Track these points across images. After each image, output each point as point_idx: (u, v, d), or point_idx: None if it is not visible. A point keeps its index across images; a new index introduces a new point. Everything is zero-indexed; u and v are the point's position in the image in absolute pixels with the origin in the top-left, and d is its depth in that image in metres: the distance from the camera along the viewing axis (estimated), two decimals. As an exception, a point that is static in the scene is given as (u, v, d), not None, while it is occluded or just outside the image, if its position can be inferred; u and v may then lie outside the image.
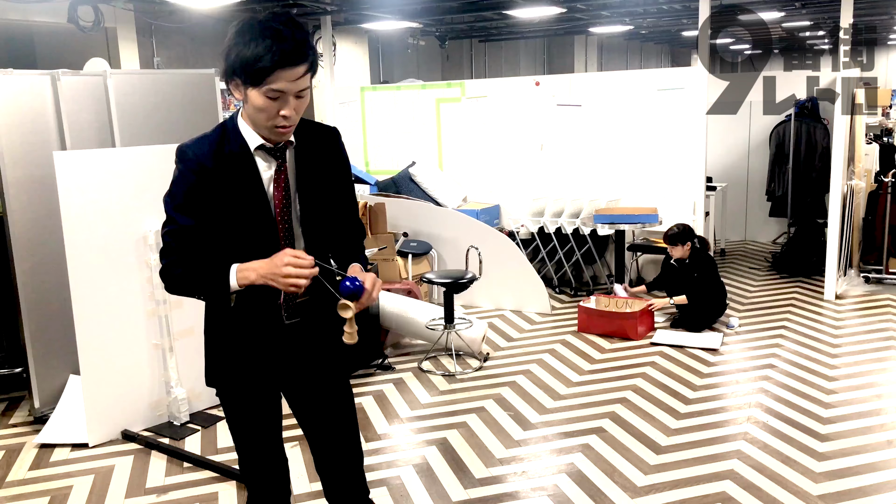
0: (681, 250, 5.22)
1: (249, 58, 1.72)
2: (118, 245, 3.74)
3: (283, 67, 1.72)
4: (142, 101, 4.41)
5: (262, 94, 1.75)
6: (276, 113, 1.78)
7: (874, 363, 4.51)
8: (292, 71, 1.73)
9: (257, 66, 1.71)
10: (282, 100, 1.76)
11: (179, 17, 7.81)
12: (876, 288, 6.16)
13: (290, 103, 1.77)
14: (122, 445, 3.75)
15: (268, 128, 1.82)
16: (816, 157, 6.87)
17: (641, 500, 3.08)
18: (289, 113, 1.78)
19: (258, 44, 1.71)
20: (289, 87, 1.75)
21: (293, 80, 1.74)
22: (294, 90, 1.76)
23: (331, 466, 2.14)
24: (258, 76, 1.72)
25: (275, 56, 1.70)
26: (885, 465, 3.29)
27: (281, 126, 1.81)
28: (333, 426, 2.10)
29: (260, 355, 1.99)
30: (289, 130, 1.84)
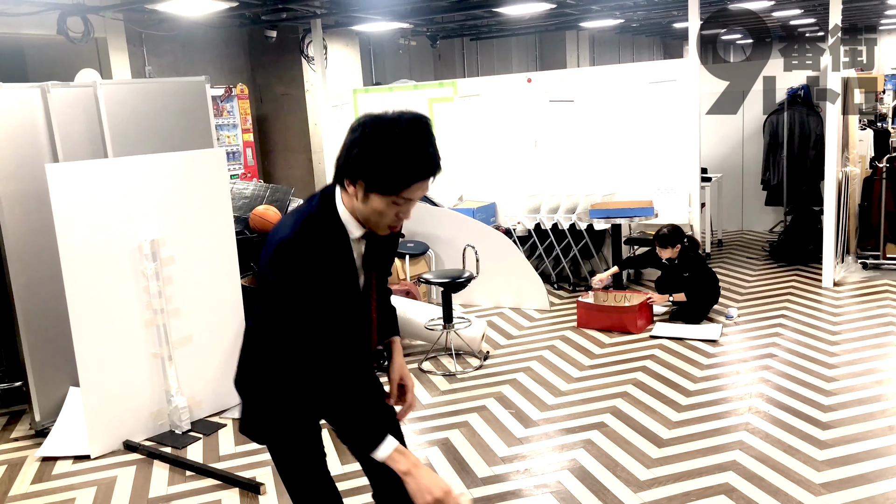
0: (670, 252, 5.22)
1: (389, 170, 1.65)
2: (114, 256, 3.73)
3: (424, 180, 1.69)
4: (133, 110, 4.41)
5: (389, 202, 1.70)
6: (395, 216, 1.74)
7: (874, 349, 4.51)
8: (427, 182, 1.70)
9: (396, 173, 1.65)
10: (401, 206, 1.72)
11: (169, 25, 7.80)
12: (874, 274, 6.16)
13: (407, 210, 1.74)
14: (124, 456, 3.75)
15: (379, 226, 1.78)
16: (810, 144, 6.87)
17: (645, 494, 3.08)
18: (408, 217, 1.76)
19: (400, 157, 1.65)
20: (418, 195, 1.71)
21: (422, 190, 1.71)
22: (419, 197, 1.73)
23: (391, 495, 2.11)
24: (394, 185, 1.67)
25: (418, 172, 1.66)
26: (887, 452, 3.29)
27: (394, 226, 1.79)
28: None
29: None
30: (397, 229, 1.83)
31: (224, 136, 8.55)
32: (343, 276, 1.80)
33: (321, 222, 1.76)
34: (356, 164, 1.68)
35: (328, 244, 1.76)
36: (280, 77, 9.43)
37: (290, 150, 9.60)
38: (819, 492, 3.01)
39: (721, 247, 7.44)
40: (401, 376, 1.91)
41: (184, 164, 4.01)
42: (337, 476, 3.37)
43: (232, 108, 8.62)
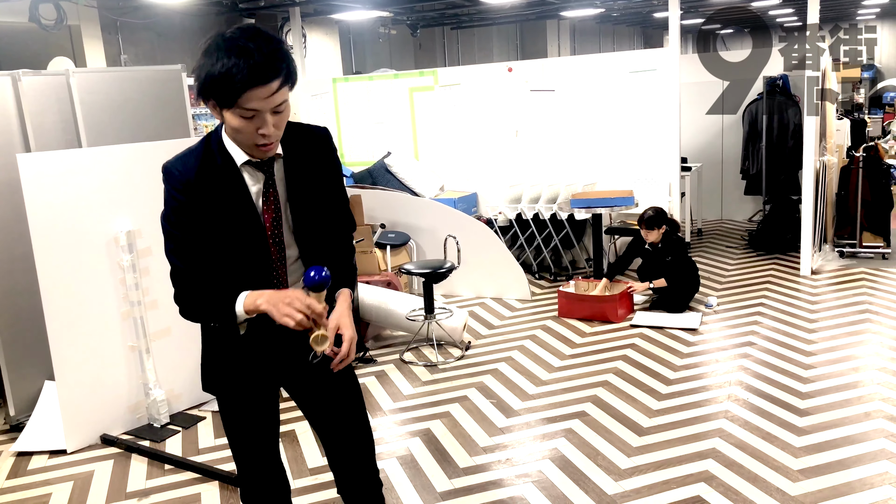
0: (656, 234, 5.24)
1: (218, 79, 1.63)
2: (89, 247, 3.67)
3: (254, 86, 1.63)
4: (107, 99, 4.33)
5: (237, 115, 1.68)
6: (255, 131, 1.71)
7: (851, 336, 4.57)
8: (264, 88, 1.64)
9: (227, 88, 1.63)
10: (258, 118, 1.69)
11: (145, 12, 7.68)
12: (850, 262, 6.23)
13: (267, 121, 1.70)
14: (101, 450, 3.70)
15: (249, 146, 1.77)
16: (789, 134, 6.92)
17: (625, 483, 3.09)
18: (267, 131, 1.71)
19: (224, 63, 1.62)
20: (263, 106, 1.67)
21: (266, 98, 1.66)
22: (269, 107, 1.68)
23: (343, 460, 2.12)
24: (229, 98, 1.65)
25: (243, 75, 1.61)
26: (863, 438, 3.33)
27: (262, 144, 1.75)
28: (343, 420, 2.08)
29: (259, 357, 1.97)
30: (271, 147, 1.77)
31: (202, 126, 8.44)
32: (220, 203, 1.80)
33: (202, 150, 1.81)
34: (196, 83, 1.69)
35: (204, 171, 1.79)
36: (259, 66, 9.32)
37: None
38: (797, 478, 3.04)
39: (701, 236, 7.49)
40: (338, 325, 1.82)
41: (160, 154, 3.91)
42: (316, 468, 3.35)
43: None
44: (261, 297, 1.77)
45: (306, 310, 1.72)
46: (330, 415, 2.09)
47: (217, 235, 1.82)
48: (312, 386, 2.07)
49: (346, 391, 2.09)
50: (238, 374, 1.99)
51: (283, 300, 1.73)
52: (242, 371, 1.98)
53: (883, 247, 6.29)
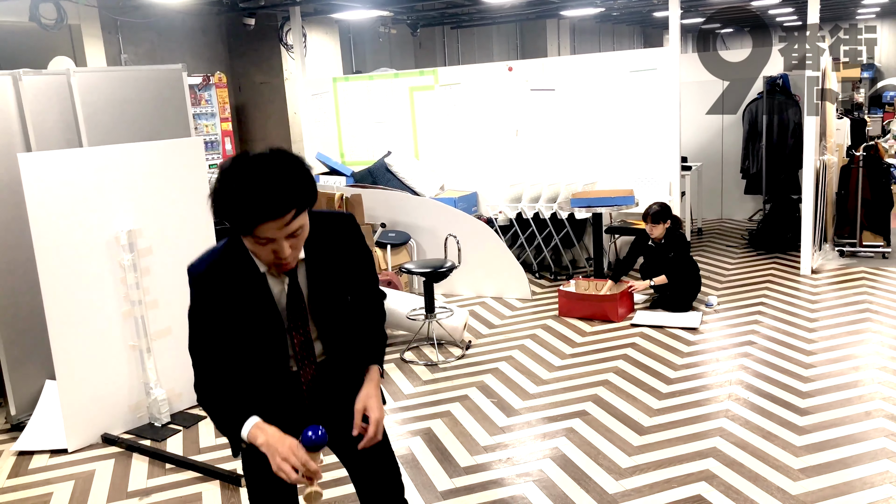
0: (661, 228, 5.23)
1: (231, 210, 1.65)
2: (89, 246, 3.67)
3: (266, 220, 1.64)
4: (108, 98, 4.34)
5: (252, 242, 1.71)
6: (272, 253, 1.72)
7: (851, 336, 4.57)
8: (277, 222, 1.65)
9: (240, 220, 1.65)
10: (274, 244, 1.70)
11: (145, 12, 7.67)
12: (850, 261, 6.23)
13: (283, 246, 1.70)
14: (102, 449, 3.70)
15: (267, 264, 1.78)
16: (789, 133, 6.92)
17: (626, 482, 3.10)
18: (284, 255, 1.72)
19: (239, 198, 1.63)
20: (277, 235, 1.68)
21: (279, 228, 1.66)
22: (284, 235, 1.69)
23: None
24: (243, 226, 1.66)
25: (256, 214, 1.63)
26: (864, 437, 3.34)
27: (279, 264, 1.76)
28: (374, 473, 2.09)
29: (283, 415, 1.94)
30: (290, 265, 1.78)
31: (202, 126, 8.45)
32: (244, 306, 1.81)
33: (226, 256, 1.82)
34: (212, 204, 1.69)
35: (227, 274, 1.81)
36: (259, 65, 9.33)
37: (269, 140, 9.51)
38: (798, 477, 3.04)
39: (701, 235, 7.49)
40: (365, 406, 1.87)
41: (161, 154, 3.95)
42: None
43: (210, 96, 8.51)
44: (262, 436, 1.77)
45: (301, 467, 1.73)
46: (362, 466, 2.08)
47: (240, 335, 1.84)
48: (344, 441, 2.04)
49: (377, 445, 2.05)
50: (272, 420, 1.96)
51: (280, 451, 1.74)
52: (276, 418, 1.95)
53: (883, 246, 6.29)
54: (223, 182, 1.66)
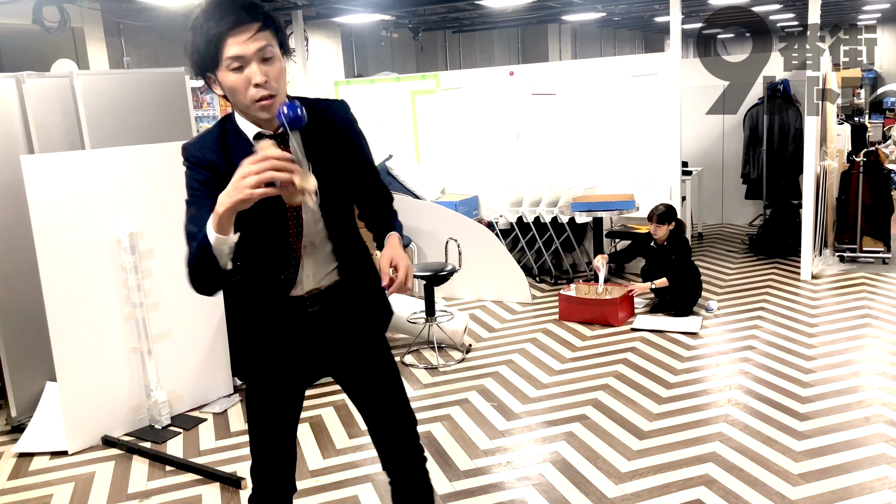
0: (665, 230, 5.24)
1: (200, 40, 1.67)
2: (91, 249, 3.68)
3: (230, 32, 1.64)
4: (111, 101, 4.35)
5: (226, 71, 1.68)
6: (248, 84, 1.68)
7: (851, 341, 4.57)
8: (241, 33, 1.65)
9: (207, 43, 1.65)
10: (246, 69, 1.67)
11: (147, 15, 7.70)
12: (850, 266, 6.24)
13: (256, 69, 1.67)
14: (102, 451, 3.71)
15: (251, 107, 1.72)
16: (789, 138, 6.93)
17: (626, 486, 3.10)
18: (259, 79, 1.67)
19: (202, 25, 1.66)
20: (245, 50, 1.65)
21: (246, 41, 1.65)
22: (252, 52, 1.66)
23: (389, 438, 2.11)
24: (212, 52, 1.66)
25: (218, 25, 1.65)
26: (863, 442, 3.34)
27: (260, 99, 1.69)
28: (386, 400, 2.07)
29: (288, 346, 1.94)
30: (271, 102, 1.70)
31: (204, 128, 8.47)
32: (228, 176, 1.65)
33: (217, 130, 1.82)
34: (190, 59, 1.71)
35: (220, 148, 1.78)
36: (261, 69, 9.34)
37: (271, 143, 9.52)
38: (797, 482, 3.05)
39: (701, 240, 7.50)
40: (391, 258, 1.83)
41: (163, 156, 3.96)
42: (317, 470, 3.36)
43: (212, 99, 8.52)
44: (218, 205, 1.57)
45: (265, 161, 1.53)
46: (373, 396, 2.08)
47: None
48: (355, 370, 2.06)
49: (387, 372, 2.08)
50: (277, 360, 1.96)
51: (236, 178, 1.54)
52: (282, 358, 1.95)
53: (883, 252, 6.30)
54: (191, 28, 1.69)
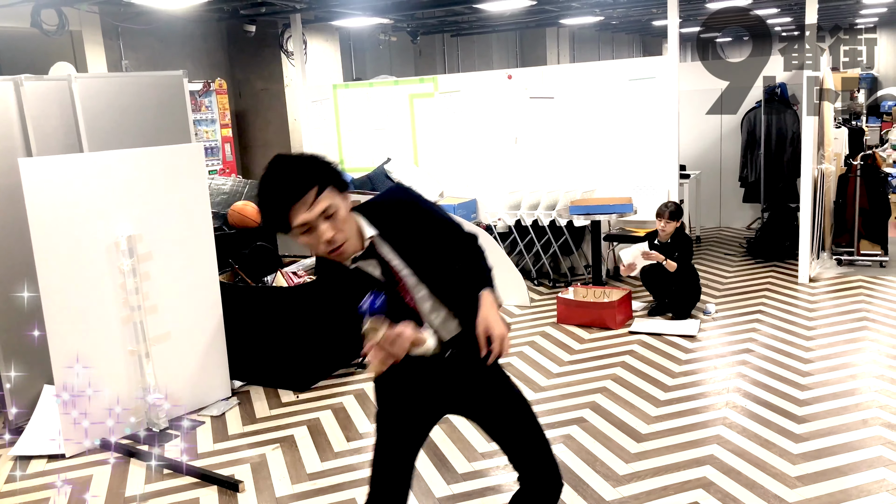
0: (674, 226, 5.27)
1: (268, 210, 1.82)
2: (89, 252, 3.68)
3: (293, 206, 1.77)
4: (109, 104, 4.35)
5: (299, 235, 1.83)
6: (319, 242, 1.83)
7: (848, 344, 4.58)
8: (303, 203, 1.77)
9: (275, 214, 1.80)
10: (313, 230, 1.81)
11: (146, 18, 7.71)
12: (848, 270, 6.25)
13: (322, 229, 1.81)
14: (99, 454, 3.70)
15: (326, 256, 1.88)
16: (787, 142, 6.95)
17: (623, 489, 3.10)
18: (328, 237, 1.82)
19: (267, 197, 1.81)
20: (309, 217, 1.79)
21: (309, 209, 1.78)
22: (315, 216, 1.79)
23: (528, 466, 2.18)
24: (283, 222, 1.80)
25: (281, 200, 1.78)
26: (860, 445, 3.34)
27: (333, 252, 1.86)
28: (518, 432, 2.17)
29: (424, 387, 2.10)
30: (343, 250, 1.87)
31: (202, 132, 8.47)
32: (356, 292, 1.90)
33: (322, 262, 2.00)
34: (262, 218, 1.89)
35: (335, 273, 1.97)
36: (259, 72, 9.36)
37: (269, 146, 9.53)
38: (794, 484, 3.05)
39: (699, 243, 7.51)
40: (486, 326, 1.93)
41: (161, 160, 3.97)
42: (315, 473, 3.35)
43: (210, 103, 8.54)
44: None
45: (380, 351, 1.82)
46: (507, 428, 2.18)
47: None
48: (486, 407, 2.17)
49: (515, 404, 2.19)
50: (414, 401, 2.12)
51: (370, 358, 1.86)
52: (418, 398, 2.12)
53: (880, 255, 6.31)
54: (258, 192, 1.84)
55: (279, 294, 4.41)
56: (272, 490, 3.29)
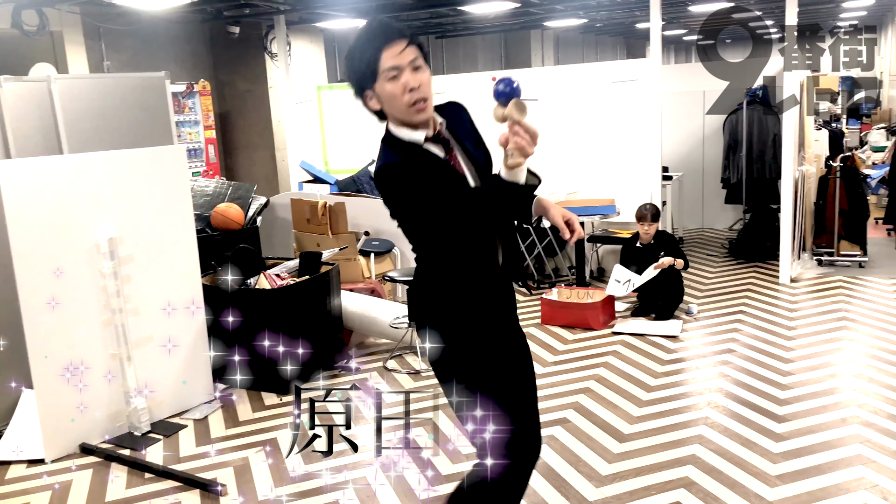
0: (655, 227, 5.32)
1: (358, 60, 1.93)
2: (69, 254, 3.65)
3: (385, 47, 1.89)
4: (89, 105, 4.32)
5: (385, 81, 1.91)
6: (405, 90, 1.91)
7: (828, 343, 4.63)
8: (394, 47, 1.90)
9: (366, 60, 1.91)
10: (402, 76, 1.91)
11: (128, 19, 7.66)
12: (828, 270, 6.32)
13: (410, 77, 1.91)
14: (80, 459, 3.67)
15: (408, 111, 1.94)
16: (768, 144, 7.01)
17: (606, 489, 3.11)
18: (414, 83, 1.91)
19: (359, 47, 1.93)
20: (400, 61, 1.90)
21: (399, 54, 1.90)
22: (406, 62, 1.91)
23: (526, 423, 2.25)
24: (371, 67, 1.90)
25: (374, 43, 1.90)
26: (840, 443, 3.38)
27: (416, 101, 1.92)
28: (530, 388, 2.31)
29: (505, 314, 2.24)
30: (426, 105, 1.95)
31: (185, 133, 8.42)
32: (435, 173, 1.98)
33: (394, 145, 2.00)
34: (350, 80, 1.98)
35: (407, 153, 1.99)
36: (243, 73, 9.32)
37: (252, 148, 9.50)
38: (775, 483, 3.08)
39: (682, 244, 7.55)
40: (561, 213, 2.10)
41: (142, 161, 3.94)
42: (297, 477, 3.34)
43: (194, 104, 8.49)
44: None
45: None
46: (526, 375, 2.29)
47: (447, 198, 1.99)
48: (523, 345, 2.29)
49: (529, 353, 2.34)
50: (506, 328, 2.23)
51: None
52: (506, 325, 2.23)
53: (860, 255, 6.38)
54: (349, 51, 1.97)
55: (262, 296, 4.39)
56: (255, 493, 3.27)
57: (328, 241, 5.48)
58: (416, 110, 1.94)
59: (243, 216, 5.81)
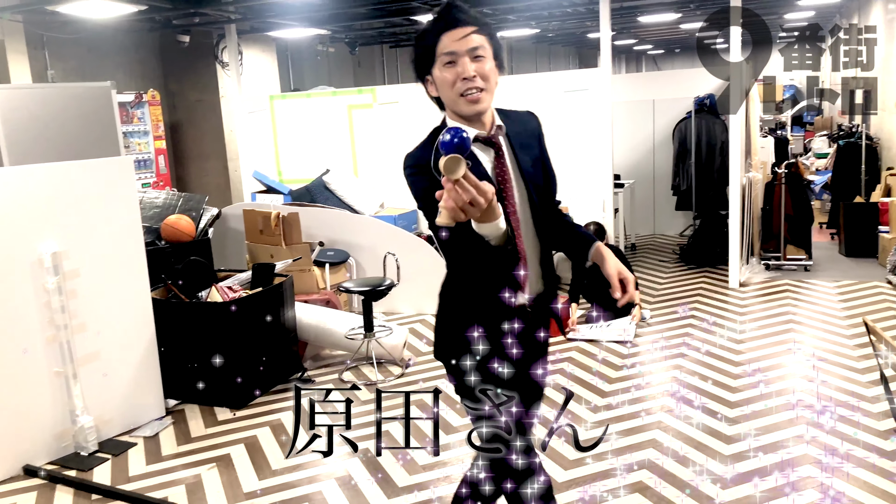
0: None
1: (420, 37, 1.87)
2: (10, 269, 3.53)
3: (445, 31, 1.82)
4: (32, 116, 4.20)
5: (440, 66, 1.84)
6: (458, 78, 1.82)
7: (777, 346, 4.75)
8: (455, 31, 1.81)
9: (425, 38, 1.85)
10: (458, 63, 1.82)
11: (73, 27, 7.47)
12: (775, 274, 6.49)
13: (466, 64, 1.82)
14: (23, 482, 3.54)
15: (458, 101, 1.85)
16: (716, 151, 7.18)
17: (561, 496, 3.13)
18: (469, 73, 1.82)
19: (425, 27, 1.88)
20: (458, 48, 1.81)
21: (459, 39, 1.81)
22: (464, 49, 1.81)
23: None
24: (430, 49, 1.84)
25: (436, 25, 1.84)
26: (790, 443, 3.46)
27: (469, 90, 1.83)
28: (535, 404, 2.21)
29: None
30: (480, 96, 1.85)
31: (135, 144, 8.24)
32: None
33: (433, 133, 1.93)
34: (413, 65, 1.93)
35: (429, 146, 1.87)
36: (194, 83, 9.18)
37: (204, 158, 9.35)
38: (727, 485, 3.14)
39: (634, 250, 7.68)
40: (617, 271, 1.97)
41: (88, 173, 3.84)
42: (251, 492, 3.28)
43: (143, 114, 8.32)
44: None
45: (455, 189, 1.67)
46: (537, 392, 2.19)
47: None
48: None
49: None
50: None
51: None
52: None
53: (805, 259, 6.57)
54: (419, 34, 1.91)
55: (214, 309, 4.31)
56: (208, 511, 3.20)
57: (282, 252, 5.42)
58: (468, 101, 1.85)
59: (194, 228, 5.71)
